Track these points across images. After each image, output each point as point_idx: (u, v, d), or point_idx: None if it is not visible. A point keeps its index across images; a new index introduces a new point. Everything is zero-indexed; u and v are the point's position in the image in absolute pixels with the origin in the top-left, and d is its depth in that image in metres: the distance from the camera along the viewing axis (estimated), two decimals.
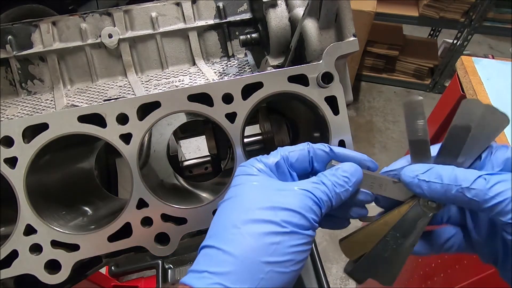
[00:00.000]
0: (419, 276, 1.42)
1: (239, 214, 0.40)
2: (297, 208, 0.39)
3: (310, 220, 0.40)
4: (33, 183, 0.55)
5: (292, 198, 0.40)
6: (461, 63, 1.28)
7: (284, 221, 0.38)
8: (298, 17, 0.74)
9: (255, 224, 0.38)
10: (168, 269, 1.47)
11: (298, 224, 0.39)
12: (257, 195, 0.42)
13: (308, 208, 0.40)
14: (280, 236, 0.38)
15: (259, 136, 0.83)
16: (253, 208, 0.40)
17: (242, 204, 0.41)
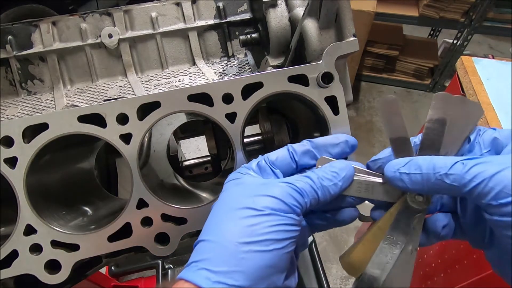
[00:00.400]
0: (419, 276, 1.42)
1: (223, 209, 0.43)
2: (276, 195, 0.41)
3: (290, 205, 0.41)
4: (33, 183, 0.55)
5: (273, 188, 0.42)
6: (461, 63, 1.28)
7: (263, 206, 0.40)
8: (298, 17, 0.74)
9: (236, 211, 0.41)
10: (168, 269, 1.47)
11: (276, 208, 0.40)
12: (240, 191, 0.44)
13: (287, 194, 0.41)
14: (258, 218, 0.39)
15: (259, 136, 0.83)
16: (235, 200, 0.42)
17: (226, 201, 0.44)
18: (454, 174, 0.38)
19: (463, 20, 3.33)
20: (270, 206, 0.40)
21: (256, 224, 0.39)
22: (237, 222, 0.40)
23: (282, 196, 0.41)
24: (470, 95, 1.17)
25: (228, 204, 0.43)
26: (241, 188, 0.45)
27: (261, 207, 0.40)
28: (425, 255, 1.39)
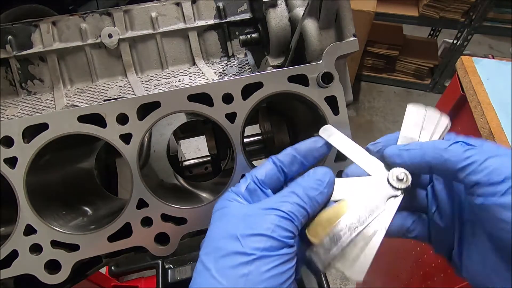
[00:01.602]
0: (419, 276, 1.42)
1: (211, 255, 0.39)
2: (262, 230, 0.38)
3: (280, 239, 0.37)
4: (33, 183, 0.55)
5: (257, 221, 0.39)
6: (461, 63, 1.28)
7: (252, 248, 0.37)
8: (298, 17, 0.74)
9: (225, 259, 0.37)
10: (168, 269, 1.47)
11: (267, 247, 0.37)
12: (225, 227, 0.41)
13: (274, 227, 0.38)
14: (249, 265, 0.36)
15: (259, 136, 0.83)
16: (222, 242, 0.39)
17: (213, 243, 0.40)
18: (452, 150, 0.39)
19: (463, 20, 3.33)
20: (260, 247, 0.37)
21: (248, 274, 0.35)
22: (228, 274, 0.36)
23: (270, 231, 0.38)
24: (470, 95, 1.17)
25: (216, 246, 0.39)
26: (225, 223, 0.41)
27: (250, 251, 0.36)
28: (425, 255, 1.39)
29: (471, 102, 1.16)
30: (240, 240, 0.37)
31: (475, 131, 1.10)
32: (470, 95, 1.17)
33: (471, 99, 1.17)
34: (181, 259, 1.51)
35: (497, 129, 1.03)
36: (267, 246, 0.37)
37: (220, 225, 0.42)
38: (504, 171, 0.35)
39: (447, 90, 1.44)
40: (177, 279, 1.44)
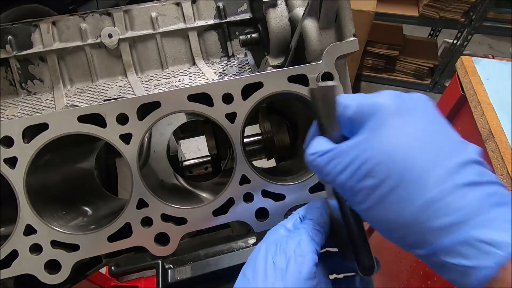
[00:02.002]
0: (419, 276, 1.42)
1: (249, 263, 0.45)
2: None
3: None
4: (33, 183, 0.55)
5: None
6: (461, 63, 1.28)
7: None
8: (298, 17, 0.74)
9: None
10: (168, 269, 1.47)
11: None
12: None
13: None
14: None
15: (259, 136, 0.82)
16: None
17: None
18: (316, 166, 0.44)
19: (463, 20, 3.33)
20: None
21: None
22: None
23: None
24: (470, 95, 1.17)
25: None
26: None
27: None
28: None
29: (471, 102, 1.16)
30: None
31: (475, 131, 1.10)
32: (470, 95, 1.17)
33: (471, 99, 1.17)
34: (181, 259, 1.51)
35: (497, 129, 1.02)
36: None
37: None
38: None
39: (447, 90, 1.44)
40: (177, 279, 1.44)
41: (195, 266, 1.47)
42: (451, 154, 0.36)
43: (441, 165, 0.35)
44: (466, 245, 0.32)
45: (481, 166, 0.36)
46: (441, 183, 0.34)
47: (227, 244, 1.56)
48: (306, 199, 0.60)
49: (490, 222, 0.32)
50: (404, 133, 0.37)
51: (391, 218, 0.36)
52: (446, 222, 0.33)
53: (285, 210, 0.60)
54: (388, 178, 0.36)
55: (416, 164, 0.35)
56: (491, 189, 0.34)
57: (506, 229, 0.31)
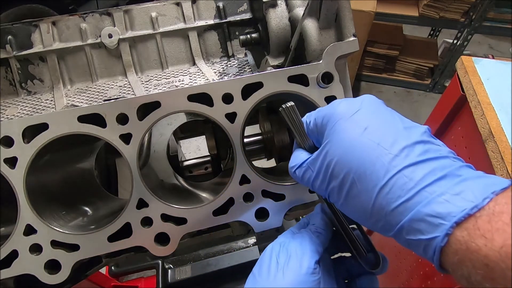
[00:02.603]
0: (419, 276, 1.42)
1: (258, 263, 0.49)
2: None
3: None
4: (33, 183, 0.55)
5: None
6: (461, 63, 1.28)
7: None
8: (298, 17, 0.74)
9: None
10: (168, 269, 1.47)
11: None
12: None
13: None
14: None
15: (259, 136, 0.82)
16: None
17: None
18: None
19: (463, 20, 3.33)
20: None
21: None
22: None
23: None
24: (470, 95, 1.17)
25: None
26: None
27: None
28: None
29: (471, 102, 1.16)
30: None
31: (475, 131, 1.10)
32: (470, 95, 1.17)
33: (471, 99, 1.16)
34: (181, 259, 1.51)
35: (497, 129, 1.02)
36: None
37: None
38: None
39: (447, 90, 1.44)
40: (177, 279, 1.44)
41: (195, 266, 1.47)
42: (395, 141, 0.39)
43: (387, 153, 0.38)
44: (420, 221, 0.35)
45: (425, 144, 0.39)
46: (389, 170, 0.37)
47: (227, 244, 1.56)
48: (306, 199, 0.61)
49: (435, 196, 0.35)
50: (353, 132, 0.41)
51: (359, 209, 0.40)
52: (398, 205, 0.36)
53: (285, 210, 0.60)
54: (347, 176, 0.40)
55: (366, 157, 0.39)
56: (435, 164, 0.37)
57: (448, 200, 0.34)
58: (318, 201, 0.64)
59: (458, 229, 0.32)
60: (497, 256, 0.29)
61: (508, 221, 0.30)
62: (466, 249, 0.32)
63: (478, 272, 0.31)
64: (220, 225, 0.59)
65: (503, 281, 0.29)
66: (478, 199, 0.33)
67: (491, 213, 0.31)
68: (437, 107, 1.50)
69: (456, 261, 0.33)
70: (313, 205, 0.65)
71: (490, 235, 0.30)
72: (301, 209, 0.65)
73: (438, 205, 0.34)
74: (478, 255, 0.31)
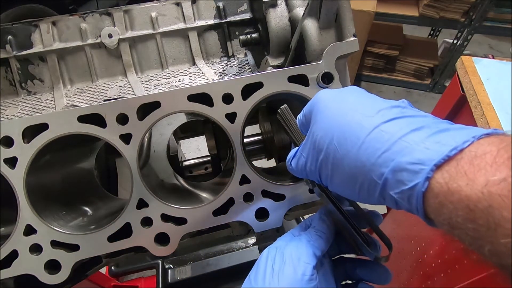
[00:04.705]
0: (419, 276, 1.42)
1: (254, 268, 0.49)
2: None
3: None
4: (33, 183, 0.55)
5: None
6: (461, 63, 1.28)
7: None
8: (298, 17, 0.74)
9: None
10: (168, 269, 1.47)
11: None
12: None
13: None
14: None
15: (259, 136, 0.82)
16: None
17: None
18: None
19: (463, 20, 3.33)
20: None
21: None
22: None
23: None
24: (470, 95, 1.17)
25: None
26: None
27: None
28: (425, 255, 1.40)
29: (471, 102, 1.16)
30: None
31: None
32: (470, 95, 1.17)
33: (471, 99, 1.16)
34: (181, 259, 1.51)
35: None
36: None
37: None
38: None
39: (447, 90, 1.44)
40: (177, 279, 1.44)
41: (195, 266, 1.47)
42: (372, 106, 0.41)
43: (365, 115, 0.40)
44: (401, 171, 0.34)
45: (403, 108, 0.40)
46: (367, 128, 0.38)
47: (227, 244, 1.56)
48: (306, 199, 0.60)
49: (414, 145, 0.34)
50: (334, 107, 0.44)
51: (345, 177, 0.41)
52: (378, 156, 0.36)
53: (285, 210, 0.60)
54: (330, 144, 0.41)
55: (346, 123, 0.41)
56: (412, 119, 0.37)
57: (427, 147, 0.34)
58: (319, 203, 0.64)
59: (439, 172, 0.32)
60: (479, 196, 0.28)
61: (492, 161, 0.29)
62: (447, 190, 0.31)
63: (459, 214, 0.30)
64: (220, 225, 0.59)
65: (485, 221, 0.28)
66: (458, 142, 0.32)
67: (473, 155, 0.31)
68: (437, 107, 1.50)
69: (437, 205, 0.32)
70: (313, 205, 0.65)
71: (472, 175, 0.30)
72: (301, 209, 0.65)
73: (418, 153, 0.34)
74: (459, 195, 0.30)
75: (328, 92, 0.47)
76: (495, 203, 0.27)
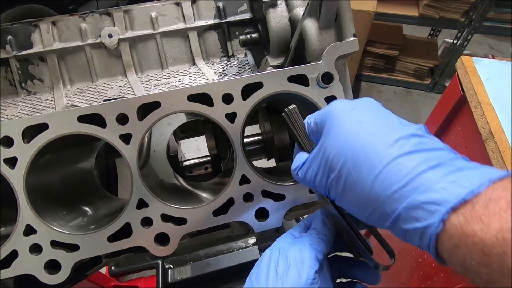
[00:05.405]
0: (419, 276, 1.42)
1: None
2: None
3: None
4: (33, 183, 0.55)
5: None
6: (461, 63, 1.28)
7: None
8: (298, 17, 0.74)
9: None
10: (168, 269, 1.47)
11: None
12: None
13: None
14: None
15: (259, 136, 0.82)
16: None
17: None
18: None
19: (463, 20, 3.33)
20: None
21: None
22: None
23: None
24: (470, 95, 1.17)
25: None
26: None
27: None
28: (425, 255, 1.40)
29: (471, 102, 1.16)
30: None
31: (475, 131, 1.10)
32: (470, 95, 1.17)
33: (471, 99, 1.16)
34: (181, 259, 1.51)
35: (497, 129, 1.02)
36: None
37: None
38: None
39: (447, 90, 1.44)
40: (177, 279, 1.44)
41: (195, 266, 1.47)
42: (390, 132, 0.40)
43: (383, 143, 0.39)
44: (415, 208, 0.35)
45: (420, 137, 0.40)
46: (384, 158, 0.38)
47: (227, 244, 1.56)
48: (306, 199, 0.60)
49: (431, 184, 0.35)
50: (349, 126, 0.43)
51: (356, 200, 0.41)
52: (394, 191, 0.36)
53: (285, 210, 0.60)
54: (344, 165, 0.41)
55: (362, 147, 0.40)
56: (429, 154, 0.37)
57: (444, 188, 0.34)
58: (319, 203, 0.64)
59: (454, 214, 0.32)
60: (493, 241, 0.29)
61: (506, 206, 0.30)
62: (462, 233, 0.31)
63: (473, 257, 0.31)
64: (220, 225, 0.59)
65: (499, 266, 0.29)
66: (474, 185, 0.32)
67: (488, 199, 0.31)
68: (437, 107, 1.50)
69: (452, 246, 0.33)
70: (313, 205, 0.65)
71: (487, 219, 0.30)
72: (301, 209, 0.65)
73: (434, 193, 0.34)
74: (474, 239, 0.30)
75: (342, 105, 0.46)
76: (509, 249, 0.28)
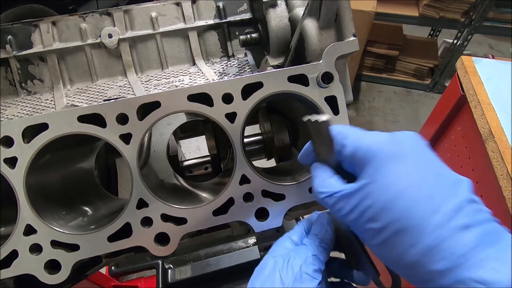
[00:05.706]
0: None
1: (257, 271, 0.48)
2: None
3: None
4: (33, 183, 0.55)
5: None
6: (461, 63, 1.28)
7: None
8: (298, 17, 0.74)
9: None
10: (168, 269, 1.47)
11: None
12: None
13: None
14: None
15: (259, 136, 0.82)
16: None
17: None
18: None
19: (463, 20, 3.33)
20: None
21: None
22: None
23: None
24: (470, 95, 1.17)
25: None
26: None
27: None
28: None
29: (471, 102, 1.16)
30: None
31: (475, 131, 1.10)
32: (470, 95, 1.17)
33: (471, 99, 1.17)
34: (181, 259, 1.51)
35: (497, 129, 1.02)
36: None
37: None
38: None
39: (447, 90, 1.44)
40: (177, 279, 1.44)
41: (195, 266, 1.47)
42: (446, 197, 0.39)
43: (437, 210, 0.38)
44: (461, 284, 0.35)
45: (475, 203, 0.39)
46: (438, 229, 0.37)
47: (227, 244, 1.56)
48: (306, 199, 0.60)
49: (482, 262, 0.35)
50: (401, 180, 0.40)
51: (395, 257, 0.40)
52: (443, 266, 0.36)
53: (285, 210, 0.60)
54: (390, 224, 0.39)
55: (415, 211, 0.38)
56: (484, 228, 0.37)
57: (496, 268, 0.34)
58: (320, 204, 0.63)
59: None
60: None
61: None
62: None
63: None
64: (220, 225, 0.59)
65: None
66: None
67: None
68: (437, 107, 1.50)
69: None
70: (313, 205, 0.65)
71: None
72: (301, 209, 0.65)
73: (485, 272, 0.34)
74: None
75: (392, 149, 0.42)
76: None
